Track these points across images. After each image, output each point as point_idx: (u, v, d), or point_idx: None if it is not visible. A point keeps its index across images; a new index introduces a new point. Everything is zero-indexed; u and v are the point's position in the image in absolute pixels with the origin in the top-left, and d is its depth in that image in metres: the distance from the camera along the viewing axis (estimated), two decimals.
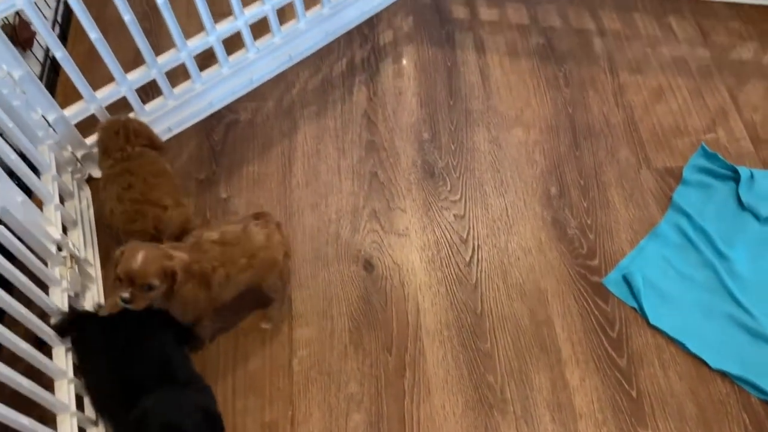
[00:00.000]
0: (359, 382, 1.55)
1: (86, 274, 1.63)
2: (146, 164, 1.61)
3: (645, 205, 1.76)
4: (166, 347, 1.38)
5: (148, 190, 1.57)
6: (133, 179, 1.57)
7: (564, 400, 1.49)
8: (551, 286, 1.65)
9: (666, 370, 1.51)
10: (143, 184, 1.57)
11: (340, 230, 1.79)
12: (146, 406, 1.21)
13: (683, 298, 1.59)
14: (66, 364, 1.37)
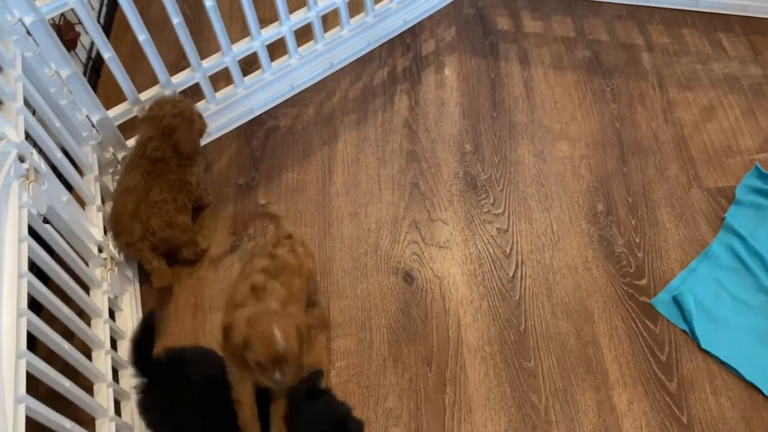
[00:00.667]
0: (398, 396, 1.51)
1: (125, 276, 1.62)
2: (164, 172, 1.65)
3: (695, 225, 1.70)
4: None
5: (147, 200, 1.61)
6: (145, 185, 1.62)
7: (611, 424, 1.44)
8: (598, 306, 1.60)
9: (718, 397, 1.45)
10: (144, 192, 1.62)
11: (380, 240, 1.76)
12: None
13: (736, 323, 1.53)
14: (106, 367, 1.35)
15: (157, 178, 1.63)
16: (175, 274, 1.70)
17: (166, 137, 1.62)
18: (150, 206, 1.60)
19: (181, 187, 1.67)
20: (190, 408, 1.25)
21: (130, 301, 1.62)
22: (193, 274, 1.73)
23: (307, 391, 1.21)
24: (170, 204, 1.63)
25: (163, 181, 1.63)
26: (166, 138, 1.62)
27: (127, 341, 1.53)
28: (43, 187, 1.26)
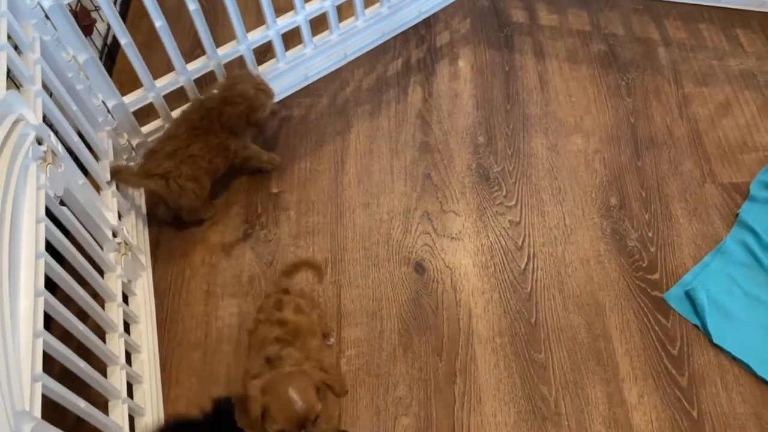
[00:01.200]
0: (408, 385, 1.51)
1: (138, 261, 1.63)
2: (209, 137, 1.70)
3: (709, 220, 1.69)
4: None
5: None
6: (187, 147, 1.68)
7: (621, 417, 1.44)
8: (609, 299, 1.60)
9: (729, 392, 1.45)
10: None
11: (392, 231, 1.76)
12: None
13: (749, 319, 1.53)
14: (119, 350, 1.36)
15: (200, 135, 1.68)
16: (185, 256, 1.73)
17: (218, 113, 1.67)
18: (187, 155, 1.66)
19: (219, 151, 1.71)
20: None
21: (143, 287, 1.63)
22: (205, 260, 1.74)
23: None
24: (204, 162, 1.69)
25: (206, 140, 1.69)
26: (218, 113, 1.67)
27: (141, 328, 1.55)
28: (60, 169, 1.26)
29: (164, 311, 1.66)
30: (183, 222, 1.80)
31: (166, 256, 1.75)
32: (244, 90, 1.67)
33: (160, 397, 1.50)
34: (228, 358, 1.58)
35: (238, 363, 1.57)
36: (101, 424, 1.19)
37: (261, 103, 1.68)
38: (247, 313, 1.64)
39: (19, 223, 1.08)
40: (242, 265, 1.72)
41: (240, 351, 1.58)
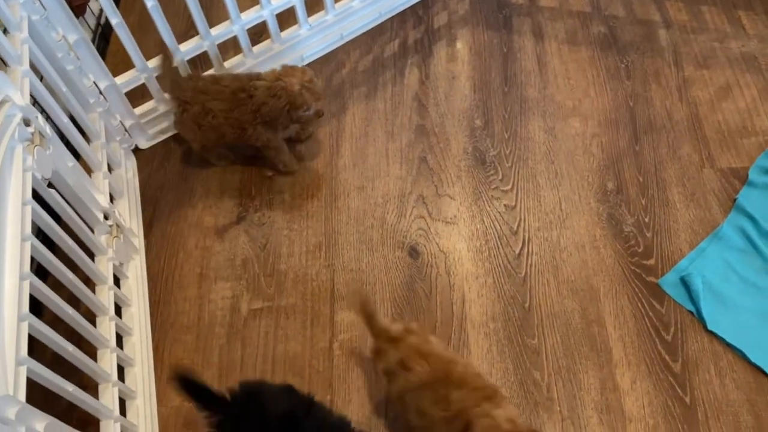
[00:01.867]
0: None
1: (131, 244, 1.62)
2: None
3: (707, 205, 1.68)
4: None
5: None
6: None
7: (613, 402, 1.43)
8: (604, 285, 1.58)
9: (722, 378, 1.44)
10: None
11: (386, 215, 1.74)
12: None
13: (744, 305, 1.51)
14: (110, 333, 1.35)
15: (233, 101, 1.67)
16: (178, 239, 1.72)
17: (260, 103, 1.63)
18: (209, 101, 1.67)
19: (233, 123, 1.70)
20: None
21: (135, 270, 1.62)
22: (199, 243, 1.73)
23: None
24: (214, 120, 1.69)
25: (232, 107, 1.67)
26: (260, 103, 1.63)
27: (133, 311, 1.54)
28: (48, 151, 1.25)
29: (157, 294, 1.66)
30: (177, 205, 1.79)
31: (159, 239, 1.74)
32: (290, 85, 1.61)
33: (153, 380, 1.50)
34: (221, 340, 1.58)
35: (231, 347, 1.57)
36: (91, 408, 1.19)
37: (303, 101, 1.62)
38: (239, 296, 1.63)
39: (3, 206, 1.07)
40: (236, 249, 1.71)
41: (233, 333, 1.58)
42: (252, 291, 1.65)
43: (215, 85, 1.68)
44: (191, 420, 1.46)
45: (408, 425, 1.29)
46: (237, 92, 1.66)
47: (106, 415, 1.23)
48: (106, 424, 1.23)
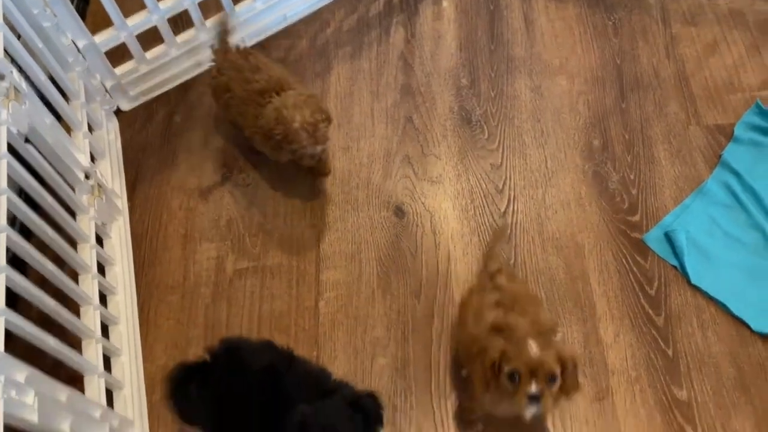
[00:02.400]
0: (386, 327, 1.51)
1: (113, 205, 1.61)
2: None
3: (692, 162, 1.67)
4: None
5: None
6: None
7: (597, 356, 1.44)
8: (589, 241, 1.59)
9: (705, 331, 1.46)
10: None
11: (372, 175, 1.73)
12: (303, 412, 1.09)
13: (728, 259, 1.52)
14: (93, 290, 1.35)
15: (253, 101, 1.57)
16: (162, 200, 1.71)
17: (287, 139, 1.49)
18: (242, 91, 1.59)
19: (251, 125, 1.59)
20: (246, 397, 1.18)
21: (119, 230, 1.61)
22: (183, 205, 1.72)
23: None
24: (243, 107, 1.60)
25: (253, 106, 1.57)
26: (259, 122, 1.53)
27: (117, 270, 1.54)
28: (24, 106, 1.23)
29: (141, 255, 1.65)
30: (159, 167, 1.78)
31: (142, 201, 1.73)
32: (290, 119, 1.46)
33: (138, 338, 1.50)
34: (206, 300, 1.58)
35: (217, 306, 1.57)
36: (75, 363, 1.19)
37: (298, 141, 1.48)
38: (225, 257, 1.63)
39: None
40: (220, 210, 1.70)
41: (218, 293, 1.58)
42: (237, 251, 1.64)
43: (250, 72, 1.58)
44: None
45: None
46: (262, 93, 1.54)
47: (89, 370, 1.23)
48: (90, 380, 1.23)
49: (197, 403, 1.26)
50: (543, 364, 1.06)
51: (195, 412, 1.26)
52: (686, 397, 1.39)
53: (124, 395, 1.37)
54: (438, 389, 1.43)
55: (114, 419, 1.26)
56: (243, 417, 1.19)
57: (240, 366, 1.21)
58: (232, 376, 1.21)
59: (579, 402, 1.39)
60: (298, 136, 1.47)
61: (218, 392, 1.21)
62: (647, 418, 1.37)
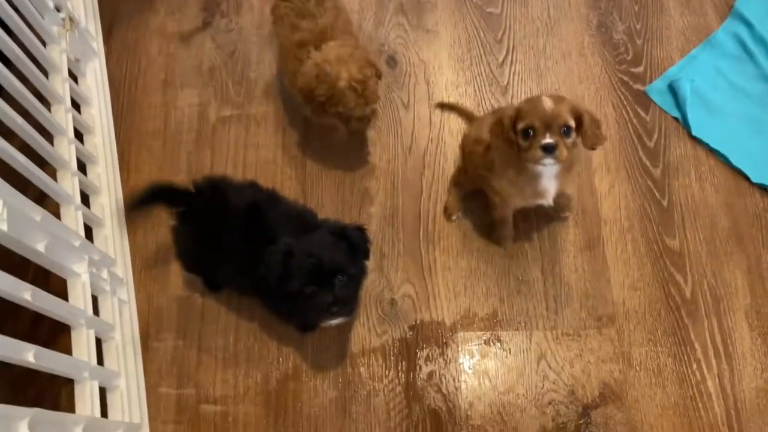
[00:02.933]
0: (376, 177, 1.47)
1: (87, 43, 1.51)
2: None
3: (702, 12, 1.58)
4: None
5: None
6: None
7: (590, 206, 1.41)
8: (589, 93, 1.52)
9: (702, 182, 1.42)
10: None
11: (363, 22, 1.63)
12: (287, 242, 1.07)
13: (732, 111, 1.47)
14: (67, 123, 1.28)
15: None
16: (140, 45, 1.61)
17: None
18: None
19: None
20: (228, 232, 1.15)
21: (94, 72, 1.53)
22: (162, 50, 1.62)
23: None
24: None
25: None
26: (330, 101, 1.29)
27: (93, 112, 1.46)
28: None
29: (120, 101, 1.57)
30: (137, 10, 1.67)
31: (119, 45, 1.63)
32: (336, 76, 1.25)
33: (118, 180, 1.45)
34: (189, 147, 1.52)
35: (200, 152, 1.51)
36: (50, 189, 1.14)
37: (344, 102, 1.27)
38: (207, 103, 1.55)
39: None
40: (202, 55, 1.61)
41: (201, 140, 1.52)
42: (220, 98, 1.56)
43: (305, 19, 1.33)
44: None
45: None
46: (303, 43, 1.33)
47: (66, 199, 1.18)
48: (66, 210, 1.19)
49: (179, 237, 1.23)
50: (556, 117, 1.06)
51: (177, 243, 1.24)
52: (678, 247, 1.37)
53: (105, 234, 1.34)
54: (426, 237, 1.41)
55: (94, 253, 1.23)
56: (223, 251, 1.16)
57: (224, 202, 1.17)
58: (215, 210, 1.17)
59: (569, 249, 1.37)
60: (345, 97, 1.26)
61: (199, 226, 1.18)
62: (637, 266, 1.36)
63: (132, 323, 1.33)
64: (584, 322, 1.32)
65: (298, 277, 1.05)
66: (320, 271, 1.05)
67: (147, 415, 1.28)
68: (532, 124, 1.07)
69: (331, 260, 1.06)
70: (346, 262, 1.08)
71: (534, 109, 1.07)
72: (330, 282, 1.07)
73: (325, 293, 1.07)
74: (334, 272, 1.06)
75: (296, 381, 1.30)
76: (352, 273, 1.09)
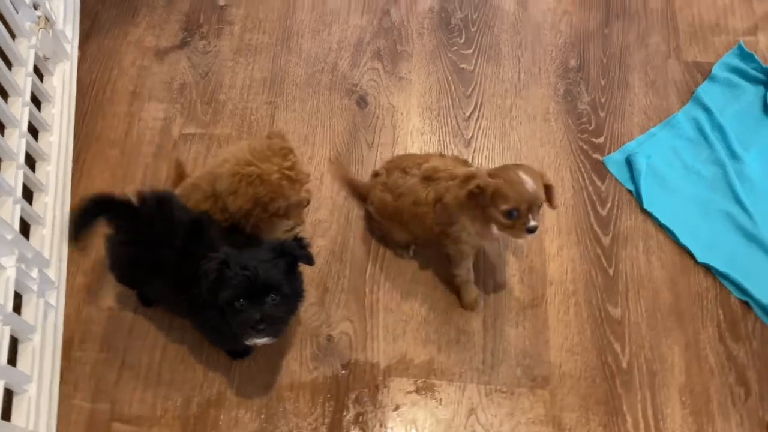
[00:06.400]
0: (330, 210, 1.46)
1: (60, 45, 1.51)
2: None
3: (665, 94, 1.64)
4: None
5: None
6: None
7: (537, 265, 1.41)
8: (549, 156, 1.55)
9: (649, 256, 1.43)
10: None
11: (339, 61, 1.66)
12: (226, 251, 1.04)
13: (684, 190, 1.50)
14: (21, 116, 1.26)
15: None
16: (115, 54, 1.62)
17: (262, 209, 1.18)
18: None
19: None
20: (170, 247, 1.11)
21: (63, 74, 1.53)
22: (136, 62, 1.63)
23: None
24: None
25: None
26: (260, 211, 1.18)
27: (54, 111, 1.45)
28: None
29: (85, 106, 1.56)
30: (118, 20, 1.69)
31: (95, 51, 1.64)
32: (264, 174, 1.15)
33: (68, 182, 1.43)
34: (147, 159, 1.50)
35: (157, 165, 1.50)
36: None
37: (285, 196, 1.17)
38: (172, 119, 1.55)
39: None
40: (174, 72, 1.62)
41: (161, 154, 1.51)
42: (186, 116, 1.56)
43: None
44: None
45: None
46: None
47: (6, 191, 1.15)
48: (3, 201, 1.16)
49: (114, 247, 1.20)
50: (537, 199, 1.12)
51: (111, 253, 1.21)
52: (619, 316, 1.37)
53: (44, 234, 1.30)
54: (373, 276, 1.39)
55: (27, 249, 1.19)
56: (159, 265, 1.13)
57: (167, 216, 1.15)
58: (156, 223, 1.15)
59: (513, 305, 1.37)
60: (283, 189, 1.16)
61: (137, 238, 1.15)
62: (577, 331, 1.35)
63: (56, 329, 1.28)
64: (519, 381, 1.29)
65: (231, 288, 1.02)
66: (253, 286, 1.03)
67: (55, 427, 1.22)
68: (517, 207, 1.12)
69: (266, 276, 1.03)
70: (282, 281, 1.06)
71: (517, 192, 1.11)
72: (261, 299, 1.04)
73: (255, 310, 1.04)
74: (267, 289, 1.04)
75: (218, 408, 1.25)
76: (286, 293, 1.07)
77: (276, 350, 1.30)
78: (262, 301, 1.04)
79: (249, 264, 1.03)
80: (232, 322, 1.06)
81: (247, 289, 1.03)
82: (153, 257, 1.14)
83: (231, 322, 1.07)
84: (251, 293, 1.03)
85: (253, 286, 1.03)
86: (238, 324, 1.05)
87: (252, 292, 1.03)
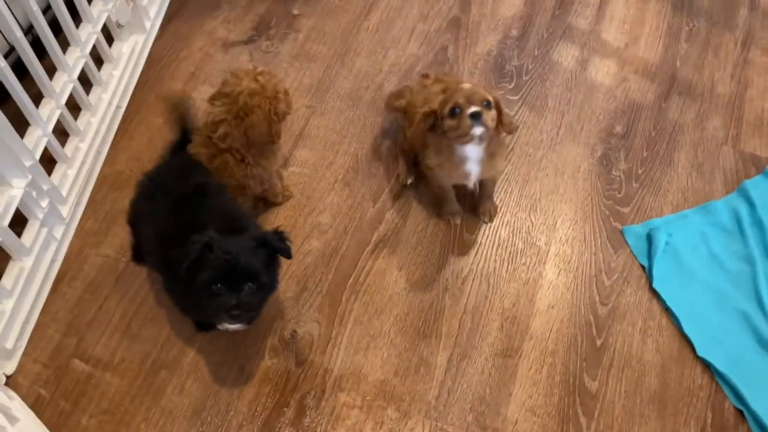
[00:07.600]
0: (333, 216, 1.49)
1: (139, 19, 1.67)
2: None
3: (711, 179, 1.54)
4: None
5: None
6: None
7: (522, 317, 1.35)
8: (567, 212, 1.49)
9: (645, 336, 1.33)
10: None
11: (386, 83, 1.71)
12: (211, 235, 1.08)
13: (702, 278, 1.38)
14: (61, 91, 1.39)
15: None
16: (188, 38, 1.75)
17: (240, 121, 1.26)
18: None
19: (238, 191, 1.35)
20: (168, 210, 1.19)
21: (135, 43, 1.67)
22: (204, 48, 1.76)
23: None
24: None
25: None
26: (239, 122, 1.26)
27: (115, 73, 1.59)
28: None
29: (148, 76, 1.70)
30: (200, 11, 1.83)
31: (172, 32, 1.79)
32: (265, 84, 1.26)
33: (110, 136, 1.56)
34: None
35: None
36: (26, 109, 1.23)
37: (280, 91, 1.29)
38: None
39: None
40: (234, 63, 1.73)
41: None
42: None
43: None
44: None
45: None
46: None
47: (36, 122, 1.27)
48: (32, 131, 1.28)
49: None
50: (476, 93, 1.21)
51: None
52: (595, 390, 1.27)
53: (68, 173, 1.42)
54: (353, 286, 1.39)
55: (43, 181, 1.30)
56: (154, 224, 1.21)
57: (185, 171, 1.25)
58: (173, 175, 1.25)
59: (485, 350, 1.31)
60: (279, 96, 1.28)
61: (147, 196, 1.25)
62: (545, 392, 1.27)
63: (54, 262, 1.38)
64: (467, 426, 1.23)
65: (210, 271, 1.05)
66: (233, 272, 1.06)
67: (23, 348, 1.30)
68: (457, 102, 1.21)
69: (246, 264, 1.06)
70: (261, 270, 1.08)
71: (455, 92, 1.23)
72: (239, 286, 1.07)
73: (231, 295, 1.07)
74: (246, 277, 1.07)
75: (170, 371, 1.28)
76: (263, 282, 1.09)
77: (240, 332, 1.31)
78: (239, 288, 1.07)
79: (231, 249, 1.06)
80: (207, 304, 1.09)
81: (227, 273, 1.06)
82: (152, 215, 1.21)
83: (206, 305, 1.09)
84: (230, 279, 1.06)
85: (233, 272, 1.06)
86: (214, 308, 1.08)
87: (231, 277, 1.06)
